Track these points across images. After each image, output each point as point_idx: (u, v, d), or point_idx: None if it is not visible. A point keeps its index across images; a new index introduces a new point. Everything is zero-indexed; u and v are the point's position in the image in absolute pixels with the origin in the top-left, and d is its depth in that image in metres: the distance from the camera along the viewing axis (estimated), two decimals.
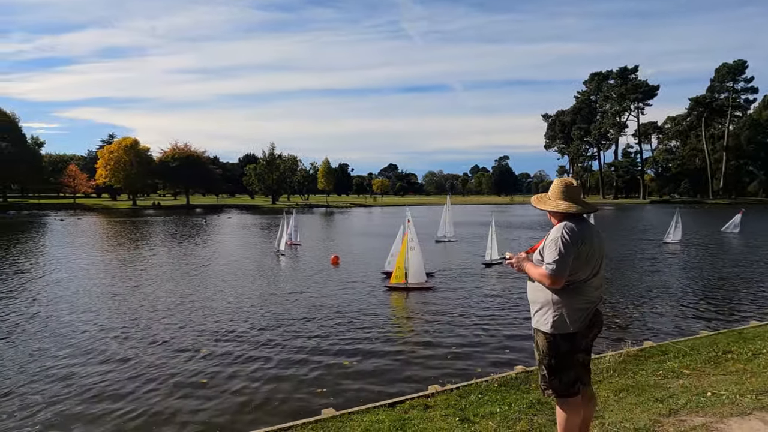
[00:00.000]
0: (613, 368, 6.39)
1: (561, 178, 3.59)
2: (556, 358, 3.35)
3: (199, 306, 13.07)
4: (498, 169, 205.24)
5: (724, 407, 4.76)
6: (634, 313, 12.13)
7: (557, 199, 3.46)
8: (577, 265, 3.26)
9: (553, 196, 3.49)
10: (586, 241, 3.29)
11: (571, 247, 3.22)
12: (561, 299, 3.30)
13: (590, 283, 3.34)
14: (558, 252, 3.21)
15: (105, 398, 7.21)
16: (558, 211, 3.41)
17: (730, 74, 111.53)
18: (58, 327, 11.04)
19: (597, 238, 3.40)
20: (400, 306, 13.22)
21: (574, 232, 3.27)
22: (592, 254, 3.32)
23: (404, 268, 14.64)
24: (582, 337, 3.36)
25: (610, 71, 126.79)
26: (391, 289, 14.77)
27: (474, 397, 5.58)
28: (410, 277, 14.68)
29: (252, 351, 9.28)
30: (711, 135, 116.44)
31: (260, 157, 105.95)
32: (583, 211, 3.40)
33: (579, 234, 3.28)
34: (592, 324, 3.40)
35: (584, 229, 3.35)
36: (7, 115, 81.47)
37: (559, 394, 3.40)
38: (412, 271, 14.68)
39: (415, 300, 13.68)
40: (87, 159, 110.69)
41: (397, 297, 14.10)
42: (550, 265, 3.23)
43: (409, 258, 14.60)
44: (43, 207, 78.00)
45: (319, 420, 5.26)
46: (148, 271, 18.92)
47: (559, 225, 3.35)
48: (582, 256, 3.27)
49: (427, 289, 14.66)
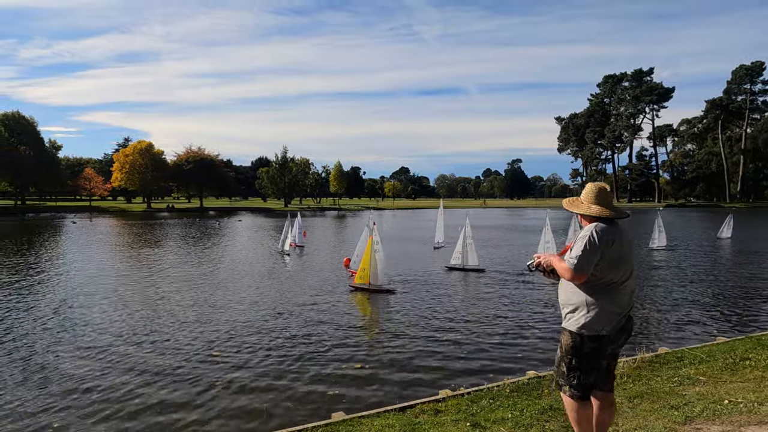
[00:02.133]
0: (628, 374, 6.30)
1: (594, 183, 3.69)
2: (577, 358, 3.39)
3: (207, 307, 13.15)
4: (510, 172, 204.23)
5: (741, 415, 4.65)
6: (649, 318, 11.96)
7: (590, 203, 3.57)
8: (608, 266, 3.34)
9: (586, 200, 3.59)
10: (616, 244, 3.36)
11: (598, 247, 3.29)
12: (595, 301, 3.35)
13: (624, 286, 3.41)
14: (583, 248, 3.30)
15: (115, 400, 7.27)
16: (590, 214, 3.51)
17: (748, 76, 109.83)
18: (66, 327, 11.18)
19: (627, 244, 3.49)
20: (409, 310, 13.15)
21: (605, 233, 3.35)
22: (622, 258, 3.39)
23: (368, 269, 15.01)
24: (610, 342, 3.39)
25: (624, 73, 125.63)
26: (355, 289, 15.26)
27: (485, 403, 5.53)
28: (372, 279, 15.06)
29: (262, 352, 9.31)
30: (728, 138, 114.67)
31: (273, 161, 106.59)
32: (615, 216, 3.47)
33: (609, 236, 3.35)
34: (623, 329, 3.43)
35: (615, 232, 3.41)
36: (27, 120, 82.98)
37: (571, 394, 3.43)
38: (375, 273, 15.05)
39: (425, 304, 13.63)
40: (103, 162, 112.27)
41: (405, 301, 14.06)
42: (572, 259, 3.31)
43: (374, 260, 14.98)
44: (59, 209, 79.24)
45: (330, 423, 5.26)
46: (157, 272, 19.08)
47: (590, 225, 3.46)
48: (613, 258, 3.34)
49: (388, 292, 14.91)
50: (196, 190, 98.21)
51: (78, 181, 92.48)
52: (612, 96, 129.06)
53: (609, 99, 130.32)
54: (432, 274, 18.90)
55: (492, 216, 71.37)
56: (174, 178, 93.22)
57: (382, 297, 14.47)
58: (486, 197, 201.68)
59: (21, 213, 70.99)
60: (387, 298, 14.37)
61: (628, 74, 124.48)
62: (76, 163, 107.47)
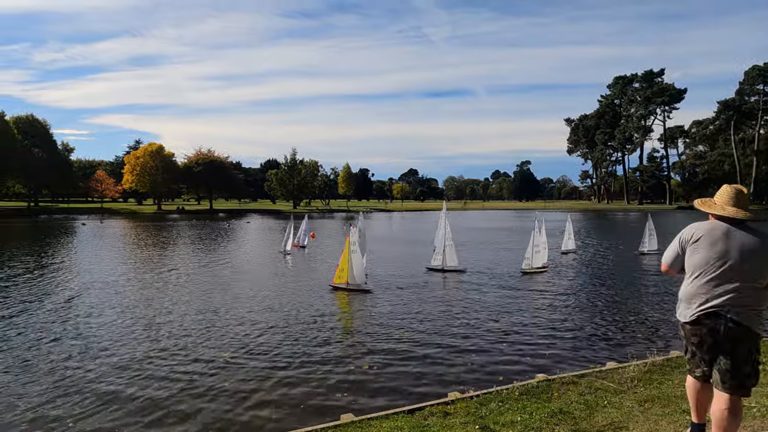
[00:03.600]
0: (639, 378, 6.25)
1: (731, 185, 3.77)
2: (682, 340, 3.83)
3: (214, 307, 13.21)
4: (520, 174, 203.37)
5: (754, 420, 4.60)
6: (660, 321, 11.84)
7: (725, 204, 3.69)
8: (696, 261, 3.60)
9: (722, 201, 3.72)
10: (720, 242, 3.53)
11: (680, 242, 3.73)
12: (683, 291, 3.73)
13: (713, 283, 3.53)
14: (671, 243, 3.82)
15: (122, 400, 7.32)
16: (725, 215, 3.63)
17: (761, 77, 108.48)
18: (70, 328, 11.30)
19: (748, 245, 3.49)
20: (417, 310, 13.13)
21: (700, 231, 3.64)
22: (724, 257, 3.50)
23: (347, 269, 15.52)
24: (702, 334, 3.58)
25: (635, 74, 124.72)
26: (334, 288, 15.74)
27: (494, 405, 5.51)
28: (350, 278, 15.50)
29: (270, 354, 9.34)
30: (741, 139, 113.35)
31: (282, 163, 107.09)
32: (750, 218, 3.59)
33: (711, 234, 3.58)
34: (717, 329, 3.51)
35: (731, 232, 3.55)
36: (40, 123, 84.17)
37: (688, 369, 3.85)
38: (353, 273, 15.48)
39: (432, 304, 13.61)
40: (114, 164, 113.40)
41: (405, 303, 14.05)
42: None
43: (351, 261, 15.45)
44: (72, 211, 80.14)
45: (339, 425, 5.27)
46: (160, 273, 19.21)
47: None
48: (706, 254, 3.56)
49: (365, 291, 15.25)
50: (206, 192, 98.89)
51: (90, 183, 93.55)
52: (622, 97, 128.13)
53: (619, 100, 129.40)
54: (417, 275, 18.82)
55: (492, 218, 71.12)
56: (184, 180, 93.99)
57: (384, 299, 14.46)
58: (495, 199, 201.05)
59: (34, 215, 71.89)
60: (389, 300, 14.37)
61: (639, 75, 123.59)
62: (88, 166, 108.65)
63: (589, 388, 6.01)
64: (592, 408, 5.24)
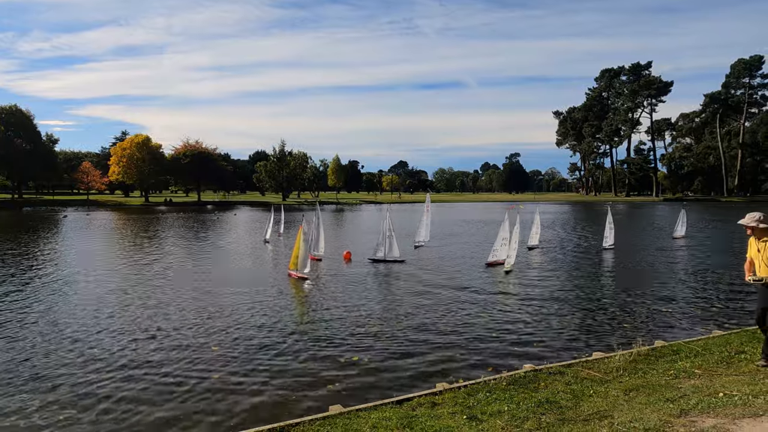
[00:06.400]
0: (624, 367, 6.33)
1: None
2: None
3: (198, 300, 13.13)
4: (509, 166, 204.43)
5: (736, 408, 4.69)
6: (645, 311, 12.00)
7: None
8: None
9: None
10: None
11: None
12: None
13: None
14: None
15: (112, 398, 7.26)
16: None
17: (747, 70, 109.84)
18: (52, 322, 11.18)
19: None
20: (403, 301, 13.17)
21: None
22: None
23: (299, 258, 16.44)
24: None
25: (622, 67, 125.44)
26: (289, 275, 16.69)
27: (482, 396, 5.56)
28: (301, 266, 16.35)
29: (258, 346, 9.31)
30: (726, 132, 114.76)
31: (271, 154, 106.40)
32: None
33: None
34: None
35: None
36: (24, 113, 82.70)
37: None
38: (303, 261, 16.43)
39: (423, 296, 13.65)
40: (100, 156, 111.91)
41: (389, 293, 14.09)
42: None
43: (302, 250, 16.42)
44: (57, 203, 79.07)
45: (327, 416, 5.28)
46: (150, 265, 19.06)
47: None
48: None
49: (303, 279, 16.10)
50: (194, 184, 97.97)
51: (75, 174, 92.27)
52: (610, 90, 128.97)
53: (607, 93, 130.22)
54: (365, 265, 18.90)
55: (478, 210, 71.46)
56: (171, 171, 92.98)
57: (371, 289, 14.50)
58: (484, 191, 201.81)
59: (18, 206, 70.81)
60: (376, 290, 14.41)
61: (626, 68, 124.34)
62: (74, 157, 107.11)
63: (576, 377, 6.08)
64: (578, 397, 5.31)
